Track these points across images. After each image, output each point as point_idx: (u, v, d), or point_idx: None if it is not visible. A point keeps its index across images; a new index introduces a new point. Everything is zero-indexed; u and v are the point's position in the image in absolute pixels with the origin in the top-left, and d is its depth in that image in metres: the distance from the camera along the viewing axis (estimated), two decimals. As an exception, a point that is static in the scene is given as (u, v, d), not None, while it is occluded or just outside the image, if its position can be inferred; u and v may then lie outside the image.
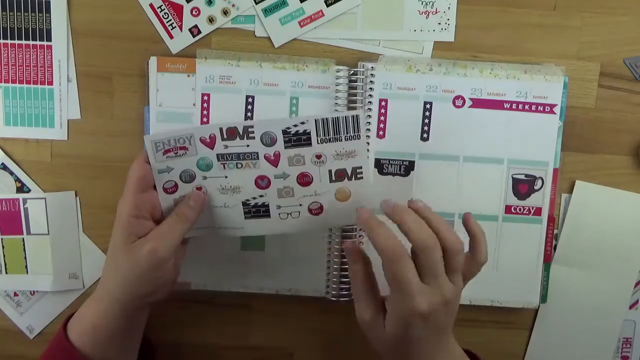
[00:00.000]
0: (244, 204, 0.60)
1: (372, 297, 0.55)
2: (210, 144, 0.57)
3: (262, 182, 0.59)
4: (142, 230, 0.56)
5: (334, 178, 0.59)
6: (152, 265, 0.55)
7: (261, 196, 0.59)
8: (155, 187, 0.59)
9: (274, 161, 0.58)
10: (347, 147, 0.57)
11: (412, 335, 0.52)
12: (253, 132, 0.57)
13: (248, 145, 0.57)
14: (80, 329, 0.57)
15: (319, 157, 0.57)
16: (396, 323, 0.53)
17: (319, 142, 0.57)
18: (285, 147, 0.57)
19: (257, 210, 0.60)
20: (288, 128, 0.56)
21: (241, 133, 0.57)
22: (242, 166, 0.58)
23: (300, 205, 0.60)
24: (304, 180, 0.59)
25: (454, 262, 0.52)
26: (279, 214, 0.60)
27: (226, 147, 0.57)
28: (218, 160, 0.58)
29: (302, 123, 0.56)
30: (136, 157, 0.58)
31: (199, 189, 0.59)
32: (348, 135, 0.56)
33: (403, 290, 0.51)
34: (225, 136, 0.57)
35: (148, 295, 0.56)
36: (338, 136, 0.56)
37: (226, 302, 0.69)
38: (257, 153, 0.57)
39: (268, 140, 0.57)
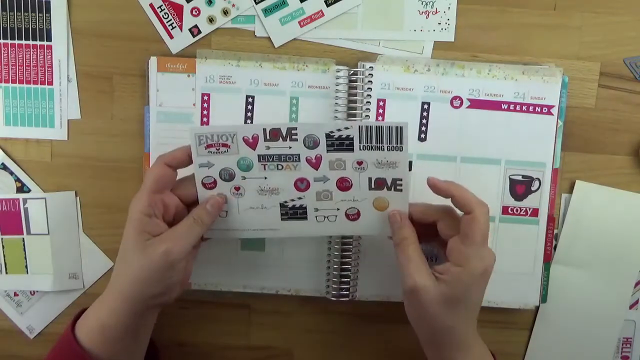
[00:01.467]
0: (282, 205, 0.59)
1: (425, 262, 0.56)
2: (252, 144, 0.57)
3: (302, 185, 0.58)
4: (154, 229, 0.56)
5: (373, 186, 0.58)
6: (165, 266, 0.54)
7: (299, 198, 0.59)
8: (171, 190, 0.58)
9: (315, 164, 0.57)
10: (388, 158, 0.56)
11: (467, 300, 0.55)
12: (296, 134, 0.56)
13: (290, 147, 0.56)
14: (88, 329, 0.56)
15: (360, 163, 0.57)
16: (465, 281, 0.54)
17: (361, 148, 0.56)
18: (328, 151, 0.57)
19: (294, 212, 0.60)
20: (331, 132, 0.56)
21: (284, 135, 0.56)
22: (282, 168, 0.58)
23: (338, 209, 0.59)
24: (344, 185, 0.58)
25: None
26: (316, 216, 0.60)
27: (268, 148, 0.57)
28: (259, 161, 0.57)
29: (346, 128, 0.55)
30: (155, 160, 0.58)
31: (237, 188, 0.58)
32: (391, 145, 0.56)
33: (485, 248, 0.55)
34: (268, 137, 0.56)
35: (158, 296, 0.56)
36: (380, 145, 0.56)
37: (226, 302, 0.69)
38: (299, 155, 0.57)
39: (311, 143, 0.56)
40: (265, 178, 0.58)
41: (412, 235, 0.57)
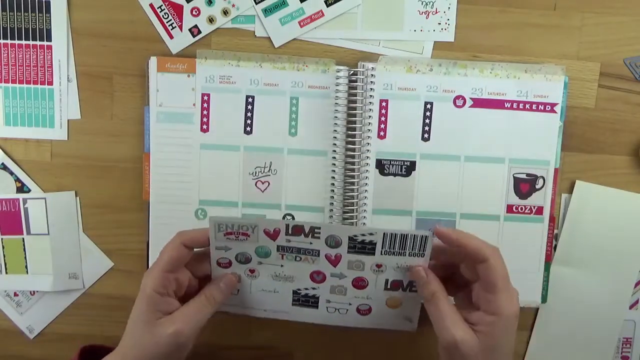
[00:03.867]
0: (295, 292, 0.60)
1: (458, 314, 0.54)
2: (273, 236, 0.56)
3: (318, 277, 0.58)
4: (166, 307, 0.55)
5: (389, 287, 0.58)
6: (173, 347, 0.54)
7: (314, 288, 0.59)
8: (186, 268, 0.57)
9: (334, 262, 0.57)
10: (409, 262, 0.56)
11: (504, 345, 0.54)
12: (319, 233, 0.55)
13: (311, 243, 0.56)
14: None
15: (379, 266, 0.57)
16: (501, 329, 0.53)
17: (383, 253, 0.55)
18: (348, 252, 0.56)
19: (306, 300, 0.60)
20: (355, 236, 0.55)
21: (307, 232, 0.55)
22: (300, 259, 0.57)
23: (350, 304, 0.60)
24: (359, 284, 0.58)
25: None
26: (327, 307, 0.60)
27: (289, 241, 0.56)
28: (277, 250, 0.57)
29: (371, 234, 0.54)
30: (173, 237, 0.56)
31: (252, 271, 0.58)
32: (413, 252, 0.55)
33: (510, 290, 0.53)
34: (290, 232, 0.55)
35: None
36: (403, 251, 0.55)
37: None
38: (319, 251, 0.56)
39: (333, 242, 0.55)
40: (282, 266, 0.58)
41: (440, 289, 0.55)
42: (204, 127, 0.65)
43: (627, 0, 0.65)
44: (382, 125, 0.65)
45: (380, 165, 0.65)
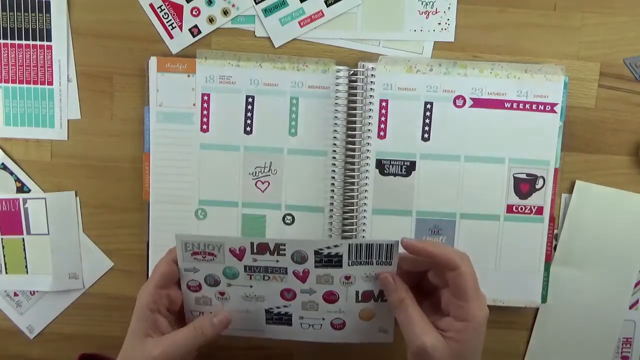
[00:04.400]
0: (267, 311, 0.59)
1: (427, 320, 0.54)
2: (239, 255, 0.56)
3: (288, 295, 0.58)
4: (156, 324, 0.56)
5: (360, 299, 0.58)
6: None
7: (285, 306, 0.59)
8: (178, 284, 0.58)
9: (303, 278, 0.57)
10: (377, 271, 0.56)
11: (473, 350, 0.53)
12: (284, 250, 0.55)
13: (277, 261, 0.56)
14: None
15: (347, 278, 0.56)
16: (471, 334, 0.53)
17: (350, 264, 0.55)
18: (316, 267, 0.56)
19: (279, 318, 0.60)
20: (320, 249, 0.55)
21: (272, 249, 0.55)
22: (269, 279, 0.57)
23: (323, 319, 0.60)
24: (330, 298, 0.58)
25: None
26: (301, 323, 0.60)
27: (255, 260, 0.56)
28: (245, 271, 0.57)
29: (336, 246, 0.55)
30: (165, 254, 0.58)
31: (222, 293, 0.58)
32: (380, 260, 0.55)
33: (480, 295, 0.53)
34: (255, 250, 0.55)
35: None
36: (369, 260, 0.55)
37: (226, 302, 0.69)
38: (286, 268, 0.56)
39: (299, 258, 0.55)
40: (251, 286, 0.58)
41: (408, 295, 0.55)
42: (204, 127, 0.65)
43: (627, 0, 0.65)
44: (382, 125, 0.65)
45: (380, 165, 0.65)
